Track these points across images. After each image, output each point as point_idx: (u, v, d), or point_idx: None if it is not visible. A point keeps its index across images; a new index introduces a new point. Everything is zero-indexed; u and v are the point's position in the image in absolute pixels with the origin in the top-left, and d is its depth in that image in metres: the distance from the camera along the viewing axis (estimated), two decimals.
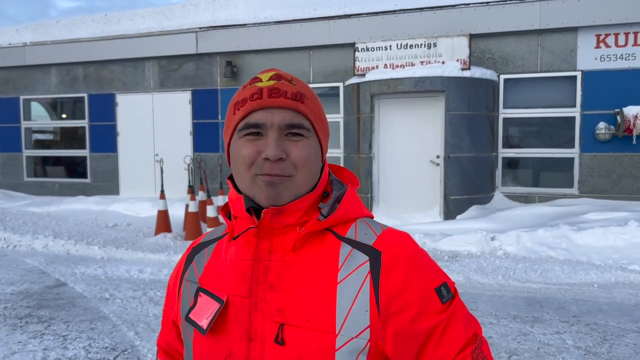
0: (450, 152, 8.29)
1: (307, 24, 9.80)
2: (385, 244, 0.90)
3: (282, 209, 0.89)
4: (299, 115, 0.91)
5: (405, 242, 0.92)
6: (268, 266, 0.90)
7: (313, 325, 0.85)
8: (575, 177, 8.70)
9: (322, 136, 0.95)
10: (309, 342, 0.85)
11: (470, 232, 6.91)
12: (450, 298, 0.90)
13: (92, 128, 11.81)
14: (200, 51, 10.55)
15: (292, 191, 0.90)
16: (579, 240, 6.49)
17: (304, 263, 0.89)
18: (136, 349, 3.98)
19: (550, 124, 8.91)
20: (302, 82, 0.96)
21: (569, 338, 4.09)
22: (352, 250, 0.89)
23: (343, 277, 0.87)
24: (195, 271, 1.00)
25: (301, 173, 0.90)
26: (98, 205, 10.30)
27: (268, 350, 0.87)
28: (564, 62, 8.64)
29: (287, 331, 0.86)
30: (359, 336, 0.84)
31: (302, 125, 0.90)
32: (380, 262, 0.87)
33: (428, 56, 8.62)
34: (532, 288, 5.45)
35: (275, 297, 0.88)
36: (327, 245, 0.90)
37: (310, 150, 0.91)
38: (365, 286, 0.86)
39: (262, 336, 0.88)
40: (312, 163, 0.91)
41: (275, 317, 0.87)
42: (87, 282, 5.86)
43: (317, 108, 0.95)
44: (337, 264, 0.88)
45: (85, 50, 11.44)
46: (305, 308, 0.86)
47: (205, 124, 10.83)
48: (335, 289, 0.86)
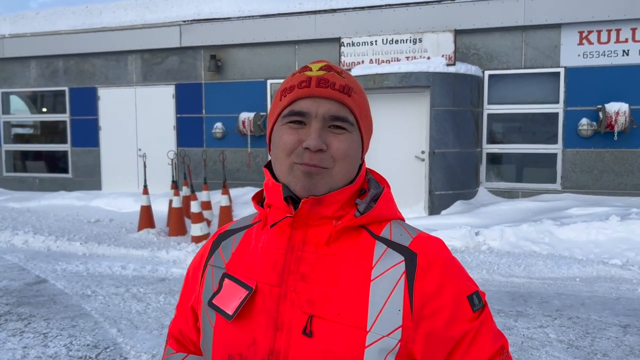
0: (435, 148, 8.31)
1: (293, 18, 9.73)
2: (421, 246, 0.90)
3: (320, 199, 0.89)
4: (344, 108, 0.90)
5: (441, 247, 0.93)
6: (301, 256, 0.89)
7: (343, 320, 0.84)
8: (558, 173, 8.79)
9: (365, 133, 0.95)
10: (338, 336, 0.83)
11: (455, 227, 6.94)
12: (481, 307, 0.91)
13: (74, 122, 11.61)
14: (184, 45, 10.42)
15: (328, 183, 0.90)
16: (562, 235, 6.56)
17: (337, 257, 0.89)
18: (119, 346, 3.92)
19: (533, 120, 8.99)
20: (352, 77, 0.96)
21: (552, 332, 4.13)
22: (387, 249, 0.89)
23: (377, 275, 0.86)
24: (222, 257, 0.99)
25: (339, 166, 0.89)
26: (80, 200, 10.15)
27: (294, 341, 0.85)
28: (547, 59, 8.71)
29: (316, 323, 0.85)
30: (390, 335, 0.83)
31: (346, 119, 0.90)
32: (416, 263, 0.87)
33: (413, 51, 8.62)
34: (515, 282, 5.49)
35: (306, 287, 0.87)
36: (361, 242, 0.90)
37: (351, 144, 0.91)
38: (400, 286, 0.85)
39: (290, 326, 0.86)
40: (351, 157, 0.91)
41: (305, 308, 0.86)
42: (68, 278, 5.77)
43: (364, 104, 0.95)
44: (372, 261, 0.88)
45: (66, 42, 11.23)
46: (336, 302, 0.85)
47: (189, 119, 10.71)
48: (369, 285, 0.85)
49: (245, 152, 10.25)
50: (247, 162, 10.26)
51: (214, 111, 10.51)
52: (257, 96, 10.19)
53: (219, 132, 10.33)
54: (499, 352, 0.92)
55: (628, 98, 8.22)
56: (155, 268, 6.14)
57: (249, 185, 10.21)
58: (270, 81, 10.15)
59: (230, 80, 10.37)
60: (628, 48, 8.33)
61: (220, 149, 10.27)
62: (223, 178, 8.86)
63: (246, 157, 10.24)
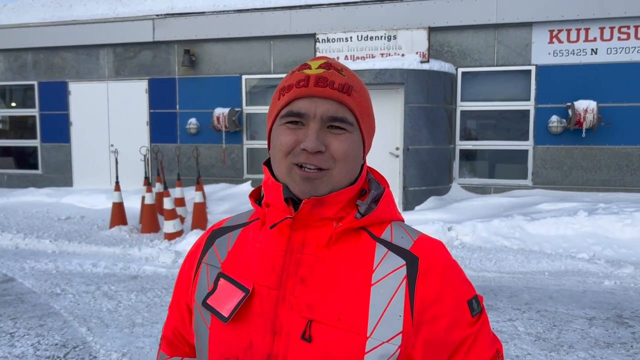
0: (410, 144, 8.38)
1: (268, 13, 9.68)
2: (423, 249, 0.89)
3: (322, 200, 0.87)
4: (343, 107, 0.88)
5: (441, 251, 0.91)
6: (300, 259, 0.87)
7: (343, 325, 0.82)
8: (529, 169, 8.96)
9: (366, 132, 0.93)
10: (337, 341, 0.82)
11: (428, 222, 7.02)
12: (479, 312, 0.91)
13: (44, 117, 11.35)
14: (158, 39, 10.27)
15: (329, 185, 0.88)
16: (532, 230, 6.69)
17: (338, 260, 0.87)
18: (88, 345, 3.86)
19: (506, 117, 9.14)
20: (353, 74, 0.93)
21: (520, 325, 4.22)
22: (387, 252, 0.87)
23: (378, 279, 0.85)
24: (217, 255, 0.96)
25: (339, 167, 0.87)
26: (50, 197, 9.94)
27: (293, 346, 0.83)
28: (519, 57, 8.85)
29: (316, 328, 0.83)
30: (390, 341, 0.82)
31: (345, 119, 0.87)
32: (418, 267, 0.86)
33: (388, 48, 8.67)
34: (486, 277, 5.59)
35: (306, 291, 0.85)
36: (362, 244, 0.88)
37: (351, 145, 0.88)
38: (401, 291, 0.84)
39: (288, 330, 0.84)
40: (351, 158, 0.89)
41: (304, 312, 0.84)
42: (36, 277, 5.65)
43: (365, 102, 0.92)
44: (372, 265, 0.86)
45: (35, 35, 10.95)
46: (336, 306, 0.83)
47: (162, 114, 10.57)
48: (369, 290, 0.84)
49: (220, 148, 10.17)
50: (221, 159, 10.18)
51: (188, 107, 10.40)
52: (231, 91, 10.11)
53: (193, 127, 10.23)
54: (495, 356, 0.92)
55: (596, 96, 8.42)
56: (127, 265, 6.06)
57: (223, 181, 10.14)
58: (245, 76, 10.08)
59: (204, 76, 10.27)
60: (596, 47, 8.52)
61: (194, 145, 10.16)
62: (197, 174, 8.78)
63: (221, 153, 10.17)
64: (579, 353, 3.69)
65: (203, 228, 7.52)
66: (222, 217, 8.28)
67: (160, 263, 6.18)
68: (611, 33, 8.46)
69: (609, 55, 8.48)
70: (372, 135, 0.96)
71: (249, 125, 10.18)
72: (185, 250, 6.39)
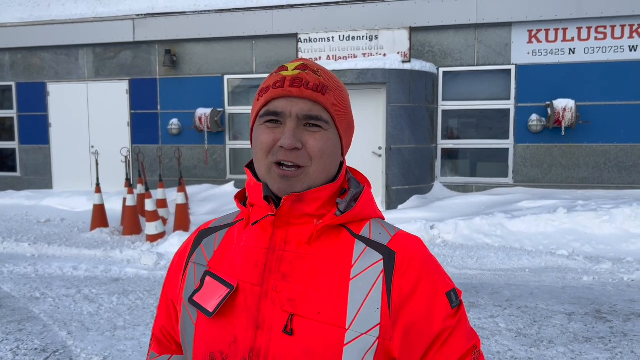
0: (392, 144, 8.43)
1: (250, 13, 9.65)
2: (399, 244, 0.92)
3: (301, 196, 0.89)
4: (318, 106, 0.91)
5: (418, 246, 0.94)
6: (282, 256, 0.90)
7: (323, 318, 0.85)
8: (509, 167, 9.07)
9: (343, 130, 0.95)
10: (318, 334, 0.84)
11: (411, 221, 7.07)
12: (458, 304, 0.92)
13: (22, 119, 11.16)
14: (138, 39, 10.17)
15: (306, 183, 0.91)
16: (513, 228, 6.78)
17: (318, 256, 0.89)
18: (68, 349, 3.81)
19: (487, 116, 9.23)
20: (330, 74, 0.95)
21: (501, 321, 4.27)
22: (366, 248, 0.90)
23: (356, 274, 0.87)
24: (204, 255, 0.99)
25: (316, 165, 0.90)
26: (29, 200, 9.78)
27: (275, 340, 0.86)
28: (499, 56, 8.95)
29: (297, 322, 0.86)
30: (368, 333, 0.84)
31: (320, 117, 0.90)
32: (394, 261, 0.89)
33: (370, 48, 8.70)
34: (468, 274, 5.65)
35: (287, 286, 0.88)
36: (341, 241, 0.91)
37: (327, 142, 0.91)
38: (378, 284, 0.87)
39: (270, 325, 0.87)
40: (327, 155, 0.91)
41: (285, 306, 0.87)
42: (15, 281, 5.55)
43: (341, 101, 0.94)
44: (351, 260, 0.89)
45: (12, 35, 10.76)
46: (316, 300, 0.86)
47: (143, 115, 10.47)
48: (348, 284, 0.87)
49: (202, 148, 10.11)
50: (204, 159, 10.12)
51: (170, 107, 10.31)
52: (213, 92, 10.06)
53: (175, 128, 10.15)
54: (471, 350, 0.93)
55: (574, 95, 8.55)
56: (108, 268, 5.99)
57: (206, 182, 10.08)
58: (227, 77, 10.03)
59: (186, 76, 10.20)
60: (574, 47, 8.66)
61: (176, 146, 10.08)
62: (179, 175, 8.71)
63: (203, 153, 10.11)
64: (559, 348, 3.75)
65: (185, 229, 7.47)
66: (205, 218, 8.23)
67: (142, 265, 6.12)
68: (588, 33, 8.60)
69: (587, 55, 8.62)
70: (351, 133, 0.98)
71: (231, 125, 10.14)
72: (168, 252, 6.34)
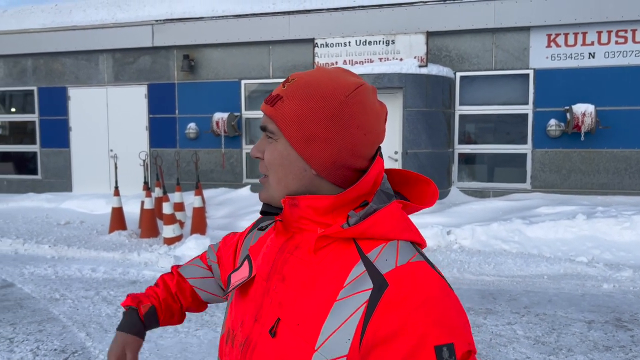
0: (408, 148, 8.40)
1: (267, 19, 9.72)
2: (399, 278, 0.80)
3: (295, 201, 0.89)
4: (267, 118, 0.92)
5: (426, 285, 0.80)
6: (288, 259, 0.91)
7: (299, 331, 0.83)
8: (527, 173, 8.97)
9: (296, 141, 0.88)
10: (291, 344, 0.84)
11: (427, 226, 7.03)
12: None
13: (43, 122, 11.37)
14: (157, 44, 10.31)
15: (268, 190, 0.94)
16: (531, 234, 6.70)
17: (319, 267, 0.86)
18: (87, 350, 3.86)
19: (504, 120, 9.16)
20: (302, 84, 0.89)
21: (519, 328, 4.22)
22: (364, 272, 0.83)
23: (343, 296, 0.82)
24: (252, 240, 1.08)
25: (270, 174, 0.92)
26: (49, 202, 9.94)
27: (263, 336, 0.88)
28: (517, 61, 8.88)
29: (281, 326, 0.86)
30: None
31: (266, 128, 0.92)
32: (381, 296, 0.79)
33: (386, 53, 8.70)
34: (485, 281, 5.59)
35: (282, 290, 0.89)
36: (345, 256, 0.85)
37: (273, 153, 0.90)
38: (357, 315, 0.79)
39: (264, 321, 0.89)
40: (277, 166, 0.90)
41: (276, 309, 0.89)
42: (36, 282, 5.65)
43: (295, 112, 0.88)
44: (344, 281, 0.83)
45: (35, 41, 10.98)
46: (300, 311, 0.85)
47: (161, 119, 10.59)
48: (332, 305, 0.82)
49: (219, 152, 10.18)
50: (221, 163, 10.19)
51: (187, 111, 10.42)
52: (231, 96, 10.14)
53: (192, 132, 10.24)
54: None
55: (594, 99, 8.44)
56: (126, 270, 6.06)
57: (222, 186, 10.15)
58: (244, 81, 10.11)
59: (203, 80, 10.30)
60: (594, 51, 8.56)
61: (193, 150, 10.18)
62: (196, 179, 8.79)
63: (220, 157, 10.18)
64: (578, 357, 3.69)
65: (202, 233, 7.53)
66: (222, 221, 8.29)
67: (159, 268, 6.18)
68: (609, 37, 8.49)
69: (607, 59, 8.51)
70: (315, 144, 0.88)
71: (248, 129, 10.20)
72: (185, 255, 6.39)
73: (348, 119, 0.87)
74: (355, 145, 0.87)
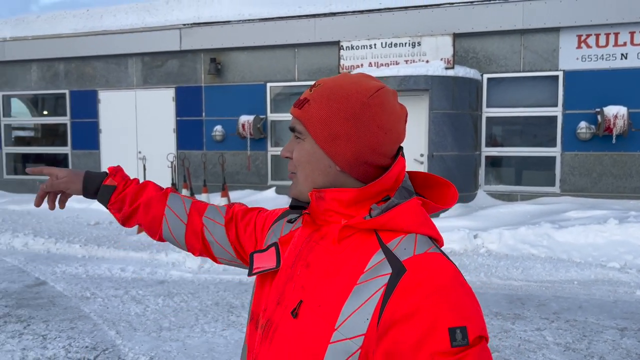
0: (434, 151, 8.34)
1: (292, 22, 9.77)
2: (416, 265, 0.86)
3: (321, 194, 0.96)
4: (295, 119, 0.99)
5: (441, 272, 0.86)
6: (313, 247, 0.98)
7: (320, 312, 0.90)
8: (557, 176, 8.81)
9: (322, 140, 0.96)
10: (312, 324, 0.90)
11: (454, 230, 6.96)
12: (463, 345, 0.80)
13: (74, 125, 11.65)
14: (184, 48, 10.47)
15: (297, 186, 1.01)
16: (560, 238, 6.57)
17: (342, 255, 0.93)
18: (117, 348, 3.94)
19: (532, 123, 9.01)
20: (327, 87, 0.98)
21: (549, 334, 4.14)
22: (383, 259, 0.89)
23: (363, 281, 0.88)
24: (282, 229, 1.13)
25: (299, 171, 1.00)
26: (80, 203, 10.14)
27: (285, 318, 0.95)
28: (546, 62, 8.73)
29: (303, 308, 0.92)
30: (352, 339, 0.85)
31: (294, 129, 1.00)
32: (399, 280, 0.85)
33: (412, 55, 8.66)
34: (513, 285, 5.51)
35: (306, 275, 0.95)
36: (366, 246, 0.92)
37: (301, 151, 0.98)
38: (376, 296, 0.85)
39: (286, 304, 0.96)
40: (305, 164, 0.98)
41: (299, 292, 0.95)
42: (67, 280, 5.79)
43: (321, 114, 0.96)
44: (365, 267, 0.89)
45: (67, 45, 11.27)
46: (322, 294, 0.91)
47: (189, 121, 10.75)
48: (352, 289, 0.88)
49: (245, 155, 10.27)
50: (246, 165, 10.28)
51: (214, 114, 10.54)
52: (256, 99, 10.22)
53: (218, 135, 10.36)
54: None
55: (626, 101, 8.24)
56: (154, 270, 6.16)
57: (248, 188, 10.24)
58: (269, 84, 10.18)
59: (230, 83, 10.41)
60: (626, 51, 8.36)
61: (219, 152, 10.29)
62: (222, 181, 8.88)
63: (246, 160, 10.27)
64: None
65: None
66: None
67: (186, 268, 6.26)
68: None
69: None
70: (336, 142, 0.95)
71: (273, 132, 10.27)
72: None
73: (369, 119, 0.94)
74: (377, 143, 0.95)
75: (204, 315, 4.64)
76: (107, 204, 1.33)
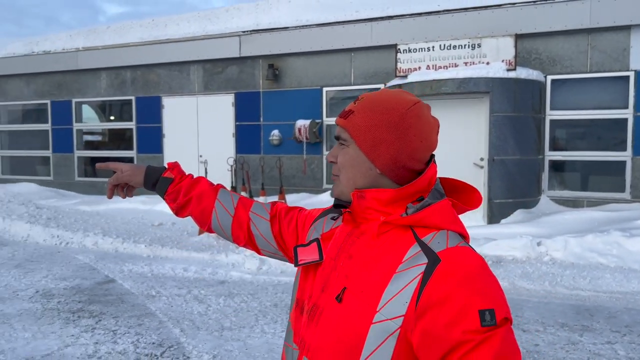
0: (495, 155, 8.12)
1: (349, 26, 9.81)
2: (449, 255, 0.98)
3: (363, 194, 1.09)
4: (340, 128, 1.13)
5: (470, 261, 0.98)
6: (355, 241, 1.10)
7: (363, 297, 1.01)
8: (627, 181, 8.36)
9: (366, 146, 1.09)
10: (356, 307, 1.01)
11: (516, 236, 6.75)
12: (492, 325, 0.91)
13: (139, 130, 12.18)
14: (244, 54, 10.72)
15: (339, 187, 1.15)
16: (631, 247, 6.23)
17: (381, 248, 1.05)
18: (182, 345, 4.08)
19: (600, 125, 8.61)
20: (370, 100, 1.11)
21: (620, 348, 3.94)
22: (419, 251, 1.01)
23: (401, 270, 1.00)
24: (323, 226, 1.26)
25: (342, 174, 1.13)
26: (144, 204, 10.60)
27: (330, 303, 1.07)
28: (615, 62, 8.32)
29: (347, 294, 1.04)
30: (393, 319, 0.97)
31: (340, 137, 1.13)
32: (435, 268, 0.97)
33: (472, 57, 8.47)
34: (580, 296, 5.27)
35: (349, 265, 1.07)
36: (403, 240, 1.04)
37: (345, 156, 1.12)
38: (413, 284, 0.97)
39: (331, 291, 1.08)
40: (349, 167, 1.11)
41: (343, 280, 1.07)
42: (134, 279, 6.05)
43: (365, 123, 1.09)
44: (402, 257, 1.01)
45: (133, 54, 11.81)
46: (364, 282, 1.03)
47: (247, 126, 10.99)
48: (391, 276, 1.00)
49: (301, 158, 10.39)
50: (302, 169, 10.39)
51: (271, 119, 10.74)
52: (313, 103, 10.32)
53: (275, 139, 10.53)
54: None
55: None
56: (215, 271, 6.34)
57: (304, 191, 10.34)
58: (325, 89, 10.25)
59: (287, 89, 10.57)
60: None
61: (277, 156, 10.46)
62: (280, 184, 9.02)
63: (302, 163, 10.38)
64: None
65: None
66: None
67: (246, 269, 6.40)
68: None
69: None
70: (377, 148, 1.08)
71: (328, 136, 10.33)
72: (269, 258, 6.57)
73: (407, 127, 1.07)
74: (413, 149, 1.07)
75: (263, 316, 4.73)
76: (164, 194, 1.45)
